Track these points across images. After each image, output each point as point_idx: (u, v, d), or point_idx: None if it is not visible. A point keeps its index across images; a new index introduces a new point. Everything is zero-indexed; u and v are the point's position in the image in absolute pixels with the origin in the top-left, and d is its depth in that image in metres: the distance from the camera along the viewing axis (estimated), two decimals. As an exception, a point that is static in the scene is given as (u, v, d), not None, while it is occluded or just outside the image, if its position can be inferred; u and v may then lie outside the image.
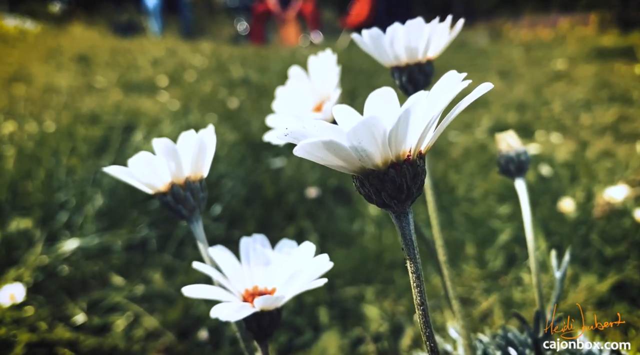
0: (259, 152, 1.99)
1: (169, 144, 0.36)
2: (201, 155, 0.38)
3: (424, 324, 0.30)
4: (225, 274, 0.39)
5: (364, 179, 0.26)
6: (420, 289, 0.29)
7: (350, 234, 1.52)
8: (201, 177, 0.40)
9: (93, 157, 1.64)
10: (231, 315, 0.32)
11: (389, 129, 0.23)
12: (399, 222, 0.28)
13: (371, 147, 0.23)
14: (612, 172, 1.93)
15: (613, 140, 2.52)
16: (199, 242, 0.40)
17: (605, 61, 5.67)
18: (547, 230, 1.50)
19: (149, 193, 0.40)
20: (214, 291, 0.35)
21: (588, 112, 3.20)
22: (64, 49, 4.54)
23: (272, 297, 0.33)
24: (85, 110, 2.30)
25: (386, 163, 0.25)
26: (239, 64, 4.13)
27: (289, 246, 0.41)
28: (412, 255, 0.29)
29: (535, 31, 10.77)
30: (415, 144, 0.26)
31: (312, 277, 0.35)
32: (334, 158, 0.24)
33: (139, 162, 0.37)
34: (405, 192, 0.27)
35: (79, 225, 1.31)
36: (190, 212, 0.39)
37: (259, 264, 0.41)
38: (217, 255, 0.40)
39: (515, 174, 0.51)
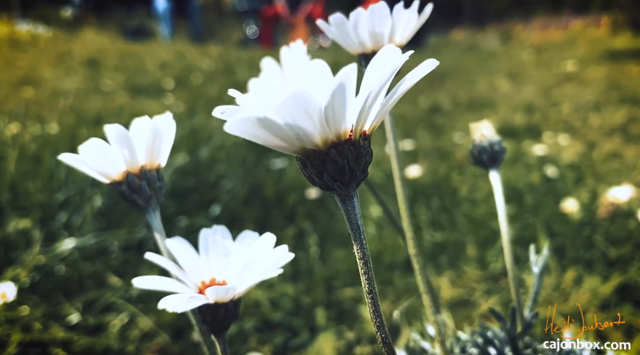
0: (261, 154, 1.99)
1: (120, 130, 0.35)
2: (157, 142, 0.37)
3: (373, 314, 0.29)
4: (182, 265, 0.38)
5: (306, 160, 0.25)
6: (369, 276, 0.28)
7: (349, 236, 1.50)
8: (158, 166, 0.39)
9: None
10: (180, 305, 0.31)
11: (324, 105, 0.22)
12: (344, 205, 0.27)
13: (307, 125, 0.22)
14: (619, 174, 1.90)
15: (622, 142, 2.48)
16: (155, 233, 0.39)
17: (616, 63, 5.61)
18: (550, 231, 1.47)
19: (103, 181, 0.39)
20: (166, 282, 0.34)
21: (597, 113, 3.16)
22: (74, 53, 4.58)
23: (222, 288, 0.32)
24: (90, 112, 2.32)
25: (327, 143, 0.24)
26: (246, 67, 4.14)
27: (251, 237, 0.40)
28: (359, 240, 0.28)
29: (546, 33, 10.70)
30: (357, 122, 0.24)
31: (270, 268, 0.34)
32: (271, 137, 0.23)
33: (90, 149, 0.36)
34: (348, 173, 0.25)
35: (78, 225, 1.31)
36: (146, 201, 0.38)
37: (218, 256, 0.40)
38: (174, 247, 0.39)
39: (488, 164, 0.50)
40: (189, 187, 1.53)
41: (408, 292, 1.30)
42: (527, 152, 2.21)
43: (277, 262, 0.34)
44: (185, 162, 1.62)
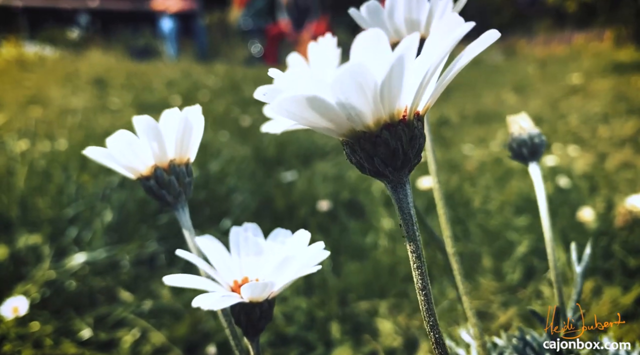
0: (271, 168, 1.98)
1: (150, 122, 0.34)
2: (187, 135, 0.35)
3: (426, 311, 0.26)
4: (213, 264, 0.37)
5: (355, 144, 0.23)
6: (422, 271, 0.26)
7: (363, 248, 1.48)
8: (187, 161, 0.37)
9: (103, 174, 1.64)
10: (215, 304, 0.29)
11: (381, 81, 0.20)
12: (395, 193, 0.25)
13: (360, 103, 0.20)
14: (633, 183, 1.87)
15: (633, 152, 2.46)
16: (184, 230, 0.38)
17: (621, 75, 5.60)
18: (566, 241, 1.45)
19: (130, 177, 0.37)
20: (198, 281, 0.32)
21: (606, 124, 3.14)
22: (81, 73, 4.61)
23: (260, 284, 0.30)
24: (98, 129, 2.32)
25: (379, 124, 0.22)
26: (252, 83, 4.15)
27: (283, 235, 0.38)
28: (412, 231, 0.25)
29: (549, 48, 10.73)
30: (412, 101, 0.22)
31: (307, 264, 0.32)
32: (320, 118, 0.21)
33: (119, 142, 0.35)
34: (401, 157, 0.23)
35: (88, 240, 1.30)
36: (175, 197, 0.36)
37: (250, 254, 0.38)
38: (205, 245, 0.37)
39: (528, 158, 0.48)
40: (200, 200, 1.52)
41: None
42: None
43: (313, 258, 0.32)
44: (196, 176, 1.61)
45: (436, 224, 1.58)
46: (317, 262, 0.32)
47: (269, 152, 2.18)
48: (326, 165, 2.06)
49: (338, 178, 1.89)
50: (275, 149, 2.21)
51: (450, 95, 4.46)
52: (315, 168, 1.99)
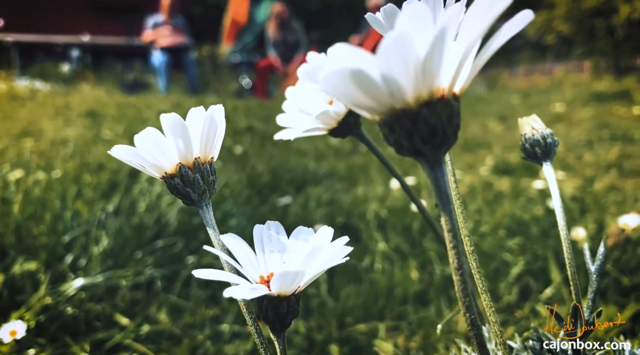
0: (265, 194, 1.99)
1: (177, 119, 0.35)
2: (211, 133, 0.36)
3: (462, 292, 0.27)
4: (239, 261, 0.38)
5: (394, 122, 0.24)
6: (457, 251, 0.26)
7: (360, 270, 1.49)
8: (211, 160, 0.39)
9: (99, 201, 1.64)
10: (245, 294, 0.30)
11: (424, 54, 0.20)
12: (432, 173, 0.25)
13: (403, 77, 0.21)
14: (622, 205, 1.91)
15: (618, 176, 2.51)
16: (209, 228, 0.39)
17: (602, 104, 5.74)
18: (560, 262, 1.46)
19: (155, 176, 0.38)
20: (227, 275, 0.33)
21: (591, 151, 3.21)
22: (73, 105, 4.63)
23: (292, 272, 0.31)
24: (91, 159, 2.32)
25: (418, 101, 0.23)
26: (242, 114, 4.19)
27: (306, 233, 0.40)
28: (448, 210, 0.25)
29: (531, 79, 10.98)
30: (451, 79, 0.23)
31: (333, 257, 0.33)
32: (362, 95, 0.21)
33: (146, 139, 0.36)
34: (440, 135, 0.24)
35: (84, 266, 1.29)
36: (200, 196, 0.37)
37: (274, 251, 0.39)
38: (230, 243, 0.38)
39: (542, 157, 0.50)
40: (196, 225, 1.52)
41: (422, 327, 1.27)
42: (527, 188, 2.22)
43: (339, 252, 0.33)
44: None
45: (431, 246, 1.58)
46: (342, 256, 0.33)
47: (263, 178, 2.19)
48: (320, 190, 2.08)
49: (332, 202, 1.90)
50: (269, 176, 2.23)
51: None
52: (309, 193, 2.01)
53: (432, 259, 1.51)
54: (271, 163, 2.53)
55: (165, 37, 6.73)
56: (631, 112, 4.96)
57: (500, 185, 2.30)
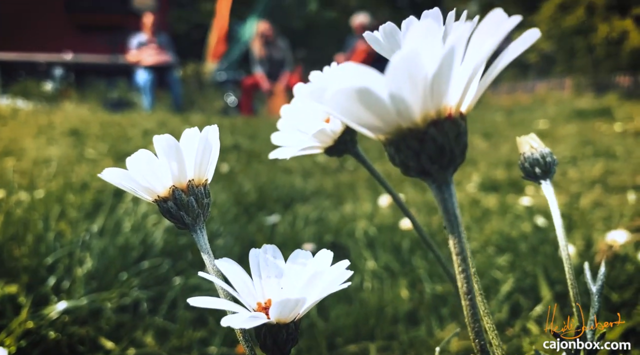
0: (252, 213, 1.97)
1: (171, 141, 0.33)
2: (206, 155, 0.35)
3: (471, 317, 0.26)
4: (234, 287, 0.36)
5: (400, 142, 0.23)
6: (467, 275, 0.25)
7: (349, 290, 1.47)
8: (205, 181, 0.37)
9: (83, 221, 1.61)
10: (243, 323, 0.29)
11: (432, 72, 0.20)
12: (440, 193, 0.25)
13: (411, 95, 0.20)
14: (608, 221, 1.92)
15: (603, 193, 2.53)
16: (203, 254, 0.37)
17: (584, 121, 5.84)
18: (549, 279, 1.46)
19: (147, 200, 0.37)
20: (223, 302, 0.32)
21: (575, 167, 3.24)
22: (56, 124, 4.58)
23: (292, 300, 0.29)
24: (75, 178, 2.28)
25: (426, 120, 0.22)
26: (228, 132, 4.18)
27: (304, 257, 0.38)
28: (457, 232, 0.25)
29: (514, 97, 11.15)
30: (459, 97, 0.23)
31: (334, 282, 0.32)
32: (368, 113, 0.21)
33: (139, 162, 0.34)
34: (448, 154, 0.23)
35: (67, 288, 1.26)
36: (194, 219, 0.36)
37: (272, 276, 0.37)
38: (225, 268, 0.37)
39: (541, 176, 0.49)
40: (182, 245, 1.50)
41: (413, 347, 1.25)
42: (513, 204, 2.23)
43: (339, 277, 0.32)
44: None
45: (420, 264, 1.57)
46: (343, 280, 0.32)
47: (250, 197, 2.17)
48: (307, 209, 2.06)
49: (320, 221, 1.89)
50: (256, 194, 2.21)
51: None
52: (296, 211, 1.99)
53: (422, 277, 1.50)
54: (258, 181, 2.52)
55: (149, 55, 6.72)
56: (613, 128, 5.05)
57: (487, 202, 2.31)
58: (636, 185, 2.64)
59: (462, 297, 0.25)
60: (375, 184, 2.63)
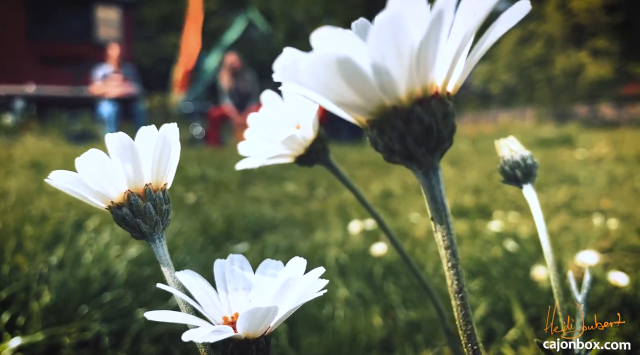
0: (220, 242, 1.92)
1: (125, 140, 0.30)
2: (165, 157, 0.32)
3: (463, 318, 0.24)
4: (198, 300, 0.33)
5: (384, 123, 0.21)
6: (457, 271, 0.23)
7: (321, 319, 1.43)
8: (164, 186, 0.34)
9: (41, 253, 1.53)
10: (207, 336, 0.25)
11: (419, 40, 0.18)
12: (427, 180, 0.23)
13: (396, 66, 0.18)
14: (576, 245, 1.94)
15: (570, 218, 2.57)
16: (162, 266, 0.34)
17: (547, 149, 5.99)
18: (522, 302, 1.45)
19: (100, 207, 0.33)
20: (185, 316, 0.28)
21: (541, 193, 3.30)
22: (15, 157, 4.44)
23: (263, 309, 0.26)
24: (35, 211, 2.19)
25: (411, 98, 0.20)
26: (195, 163, 4.12)
27: (274, 267, 0.35)
28: (446, 223, 0.23)
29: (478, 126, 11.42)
30: (445, 74, 0.21)
31: (307, 291, 0.29)
32: (348, 89, 0.18)
33: (89, 163, 0.31)
34: (435, 136, 0.21)
35: (23, 324, 1.18)
36: (152, 227, 0.33)
37: (239, 289, 0.34)
38: (187, 280, 0.33)
39: (522, 180, 0.48)
40: (146, 276, 1.44)
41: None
42: (483, 229, 2.24)
43: (313, 286, 0.29)
44: (141, 252, 1.53)
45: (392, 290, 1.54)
46: (318, 288, 0.29)
47: (217, 226, 2.12)
48: (277, 238, 2.02)
49: (290, 249, 1.85)
50: (223, 223, 2.16)
51: (391, 170, 4.58)
52: (266, 240, 1.95)
53: (395, 304, 1.47)
54: (226, 210, 2.47)
55: (114, 87, 6.64)
56: (574, 156, 5.19)
57: (457, 228, 2.31)
58: (601, 209, 2.70)
59: (453, 296, 0.23)
60: (346, 212, 2.61)
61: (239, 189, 3.32)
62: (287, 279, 0.28)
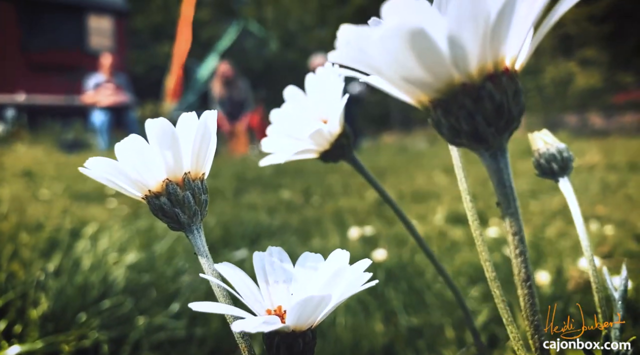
0: (217, 250, 1.90)
1: (166, 127, 0.29)
2: (204, 145, 0.31)
3: (530, 308, 0.23)
4: (239, 293, 0.32)
5: (451, 101, 0.20)
6: (525, 258, 0.22)
7: (322, 326, 1.42)
8: (203, 175, 0.33)
9: (37, 261, 1.51)
10: (259, 326, 0.24)
11: (496, 10, 0.17)
12: (494, 163, 0.22)
13: (472, 38, 0.17)
14: (575, 250, 1.94)
15: (566, 224, 2.58)
16: (201, 257, 0.33)
17: (540, 157, 6.01)
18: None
19: (136, 196, 0.32)
20: (229, 308, 0.27)
21: (535, 200, 3.31)
22: (7, 166, 4.40)
23: (316, 297, 0.25)
24: (29, 219, 2.17)
25: (482, 73, 0.19)
26: (189, 171, 4.10)
27: (314, 260, 0.34)
28: (514, 207, 0.22)
29: (470, 135, 11.48)
30: (517, 48, 0.20)
31: (356, 282, 0.28)
32: (417, 64, 0.17)
33: (129, 150, 0.30)
34: (506, 115, 0.20)
35: (20, 332, 1.16)
36: (190, 217, 0.31)
37: (279, 282, 0.33)
38: (228, 273, 0.32)
39: (559, 173, 0.47)
40: (146, 283, 1.42)
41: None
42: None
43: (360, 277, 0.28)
44: (139, 259, 1.52)
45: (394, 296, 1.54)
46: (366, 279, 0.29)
47: (214, 234, 2.11)
48: (274, 244, 1.99)
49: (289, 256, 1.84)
50: (221, 231, 2.15)
51: (385, 178, 4.59)
52: (263, 248, 1.93)
53: (397, 309, 1.46)
54: (222, 218, 2.45)
55: (106, 96, 6.61)
56: (566, 163, 5.22)
57: (454, 234, 2.31)
58: (596, 215, 2.71)
59: (519, 285, 0.22)
60: (343, 219, 2.60)
61: (235, 196, 3.31)
62: (337, 269, 0.27)
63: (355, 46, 0.17)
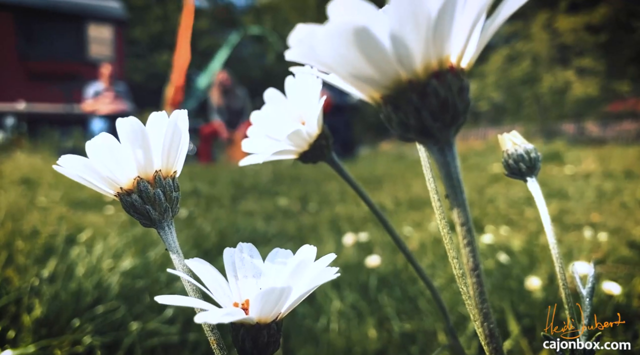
0: (212, 256, 1.91)
1: (136, 125, 0.30)
2: (175, 143, 0.32)
3: (479, 296, 0.23)
4: (208, 287, 0.33)
5: (399, 97, 0.21)
6: (473, 248, 0.23)
7: (315, 332, 1.42)
8: (174, 174, 0.34)
9: (32, 267, 1.51)
10: (220, 318, 0.25)
11: (436, 9, 0.18)
12: (442, 156, 0.23)
13: (413, 37, 0.18)
14: (568, 256, 1.95)
15: (560, 230, 2.59)
16: (171, 253, 0.34)
17: (537, 165, 6.03)
18: (517, 313, 1.45)
19: (108, 194, 0.33)
20: (196, 301, 0.28)
21: (531, 207, 3.32)
22: (5, 174, 4.40)
23: (277, 289, 0.26)
24: (26, 225, 2.18)
25: (427, 71, 0.20)
26: (187, 178, 4.11)
27: (284, 255, 0.35)
28: (461, 199, 0.23)
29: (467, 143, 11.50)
30: (460, 47, 0.21)
31: (320, 275, 0.29)
32: (364, 62, 0.18)
33: (99, 148, 0.31)
34: (451, 110, 0.21)
35: (13, 337, 1.16)
36: (161, 214, 0.32)
37: (248, 276, 0.34)
38: (197, 268, 0.33)
39: (527, 173, 0.48)
40: (139, 288, 1.43)
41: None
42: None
43: (324, 272, 0.30)
44: (134, 265, 1.52)
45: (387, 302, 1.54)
46: (331, 273, 0.30)
47: (210, 240, 2.11)
48: (270, 250, 2.01)
49: (284, 263, 1.84)
50: (216, 238, 2.15)
51: (382, 185, 4.60)
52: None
53: (390, 315, 1.47)
54: (218, 224, 2.46)
55: (106, 104, 6.64)
56: (563, 171, 5.24)
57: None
58: (591, 222, 2.72)
59: (468, 274, 0.23)
60: (338, 225, 2.61)
61: (231, 203, 3.31)
62: (298, 263, 0.28)
63: (306, 44, 0.19)
